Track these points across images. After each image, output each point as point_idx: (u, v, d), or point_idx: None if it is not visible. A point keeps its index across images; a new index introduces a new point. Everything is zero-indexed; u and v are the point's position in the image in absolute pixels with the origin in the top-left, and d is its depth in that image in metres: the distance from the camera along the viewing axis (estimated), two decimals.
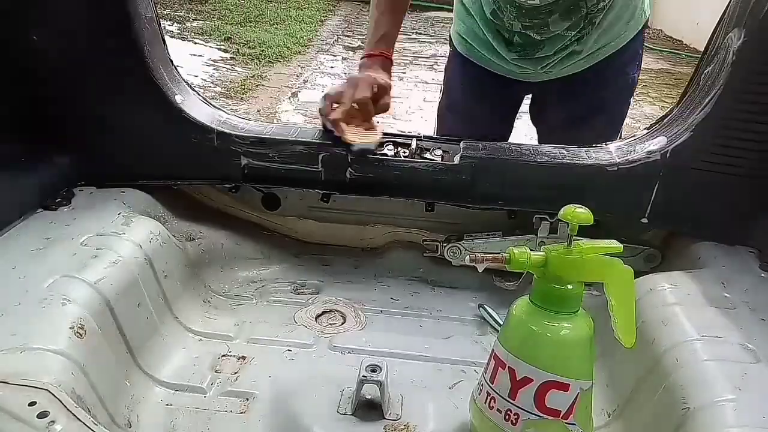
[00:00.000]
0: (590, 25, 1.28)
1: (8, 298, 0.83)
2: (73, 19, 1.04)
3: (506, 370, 0.78)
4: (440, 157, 1.14)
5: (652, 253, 1.16)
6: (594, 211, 0.76)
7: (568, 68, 1.36)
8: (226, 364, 0.98)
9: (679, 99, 1.11)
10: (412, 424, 0.87)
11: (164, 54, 1.13)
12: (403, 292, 1.21)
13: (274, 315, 1.11)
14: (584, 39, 1.30)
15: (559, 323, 0.77)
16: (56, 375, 0.73)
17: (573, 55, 1.33)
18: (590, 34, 1.30)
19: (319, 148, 1.14)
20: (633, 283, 0.78)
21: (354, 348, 1.03)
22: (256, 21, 6.77)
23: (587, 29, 1.28)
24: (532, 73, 1.39)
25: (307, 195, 1.25)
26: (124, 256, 0.96)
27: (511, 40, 1.34)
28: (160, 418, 0.88)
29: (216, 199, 1.29)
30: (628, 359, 0.91)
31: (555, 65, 1.35)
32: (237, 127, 1.15)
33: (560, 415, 0.76)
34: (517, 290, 1.20)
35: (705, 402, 0.75)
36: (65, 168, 1.13)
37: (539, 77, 1.40)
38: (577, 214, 0.76)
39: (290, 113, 4.45)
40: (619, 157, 1.09)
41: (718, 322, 0.88)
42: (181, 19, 6.61)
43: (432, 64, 5.74)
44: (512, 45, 1.35)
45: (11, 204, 1.03)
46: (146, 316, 0.97)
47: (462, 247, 1.19)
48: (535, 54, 1.33)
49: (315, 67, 5.55)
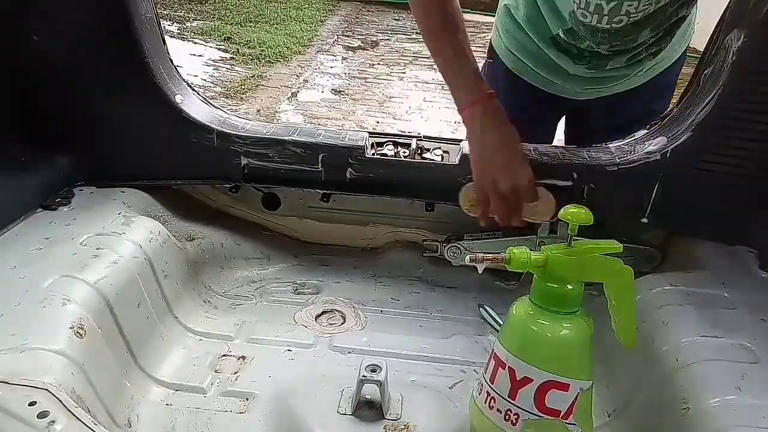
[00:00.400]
0: (669, 35, 1.20)
1: (8, 298, 0.83)
2: (73, 19, 1.04)
3: (506, 370, 0.78)
4: (440, 157, 1.14)
5: (652, 253, 1.16)
6: (594, 211, 0.76)
7: (627, 83, 1.30)
8: (226, 364, 0.98)
9: (679, 99, 1.11)
10: (412, 424, 0.87)
11: (164, 54, 1.13)
12: (403, 292, 1.21)
13: (274, 315, 1.11)
14: (659, 51, 1.22)
15: (559, 323, 0.77)
16: (56, 375, 0.73)
17: (637, 65, 1.25)
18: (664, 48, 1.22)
19: (319, 148, 1.14)
20: (633, 283, 0.78)
21: (354, 348, 1.03)
22: (256, 21, 6.76)
23: (666, 40, 1.20)
24: (589, 89, 1.33)
25: (307, 195, 1.25)
26: (124, 255, 0.96)
27: (581, 55, 1.23)
28: (160, 417, 0.88)
29: (216, 199, 1.29)
30: (628, 359, 0.91)
31: (621, 79, 1.28)
32: (237, 127, 1.15)
33: (560, 415, 0.76)
34: (517, 290, 1.20)
35: (705, 402, 0.75)
36: (65, 168, 1.13)
37: (591, 95, 1.35)
38: (577, 214, 0.76)
39: (290, 113, 4.45)
40: (619, 157, 1.09)
41: (718, 322, 0.88)
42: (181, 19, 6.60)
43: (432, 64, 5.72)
44: (581, 59, 1.24)
45: (11, 204, 1.03)
46: (146, 315, 0.97)
47: (462, 247, 1.19)
48: (606, 66, 1.24)
49: (315, 67, 5.55)
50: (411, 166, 1.13)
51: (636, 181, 1.09)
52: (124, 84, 1.10)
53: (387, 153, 1.15)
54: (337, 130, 1.20)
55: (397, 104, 4.71)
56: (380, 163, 1.13)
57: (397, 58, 5.88)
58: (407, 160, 1.14)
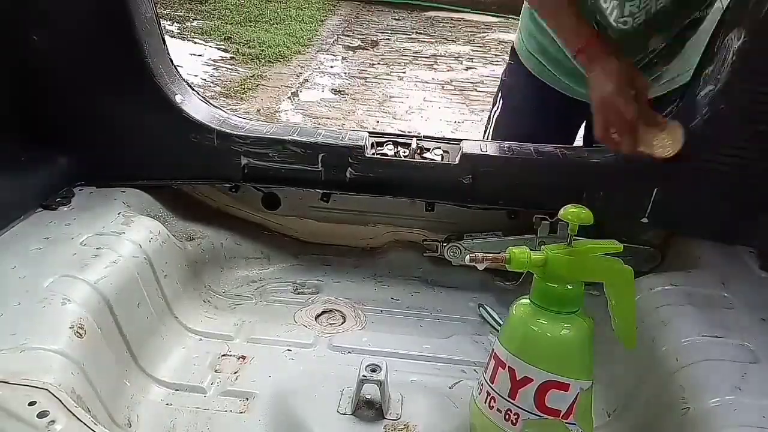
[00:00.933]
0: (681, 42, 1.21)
1: (8, 298, 0.83)
2: (73, 19, 1.04)
3: (506, 370, 0.78)
4: (440, 157, 1.14)
5: (652, 253, 1.16)
6: (594, 211, 0.76)
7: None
8: (226, 363, 0.98)
9: (679, 99, 1.11)
10: (412, 424, 0.87)
11: (164, 54, 1.13)
12: (403, 292, 1.21)
13: (274, 315, 1.11)
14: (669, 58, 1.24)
15: (559, 323, 0.77)
16: (56, 375, 0.73)
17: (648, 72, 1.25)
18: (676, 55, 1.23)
19: (319, 147, 1.14)
20: (633, 283, 0.78)
21: (354, 348, 1.03)
22: (256, 21, 6.76)
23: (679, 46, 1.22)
24: None
25: (307, 195, 1.24)
26: (124, 255, 0.96)
27: None
28: (160, 417, 0.88)
29: (216, 199, 1.29)
30: (628, 359, 0.91)
31: None
32: (237, 127, 1.15)
33: (560, 415, 0.76)
34: (517, 290, 1.20)
35: (705, 402, 0.75)
36: (65, 168, 1.13)
37: None
38: (577, 214, 0.76)
39: (290, 113, 4.45)
40: (619, 157, 1.09)
41: (718, 322, 0.88)
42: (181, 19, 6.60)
43: (432, 64, 5.74)
44: None
45: (11, 203, 1.03)
46: (146, 315, 0.97)
47: (462, 247, 1.19)
48: None
49: (315, 66, 5.55)
50: (411, 165, 1.13)
51: (636, 181, 1.09)
52: (124, 84, 1.10)
53: (387, 153, 1.15)
54: (337, 129, 1.19)
55: (397, 104, 4.71)
56: (380, 162, 1.13)
57: (397, 58, 5.88)
58: (407, 159, 1.14)
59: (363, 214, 1.28)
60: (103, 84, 1.09)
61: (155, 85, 1.09)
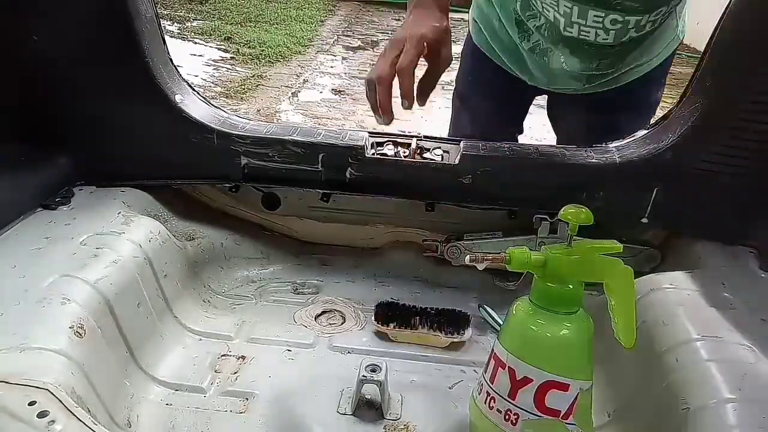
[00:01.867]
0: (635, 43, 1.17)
1: (8, 298, 0.83)
2: (73, 19, 1.04)
3: (506, 370, 0.78)
4: (440, 157, 1.14)
5: (652, 253, 1.16)
6: (594, 211, 0.76)
7: (594, 87, 1.28)
8: (225, 363, 0.98)
9: (679, 99, 1.11)
10: (412, 424, 0.87)
11: (164, 54, 1.13)
12: (403, 292, 1.21)
13: (274, 315, 1.11)
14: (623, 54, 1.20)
15: (559, 323, 0.77)
16: (56, 375, 0.73)
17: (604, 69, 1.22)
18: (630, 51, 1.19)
19: (319, 147, 1.14)
20: (633, 283, 0.78)
21: (354, 348, 1.03)
22: (256, 21, 6.76)
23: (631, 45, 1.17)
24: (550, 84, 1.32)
25: (307, 195, 1.25)
26: (123, 255, 0.96)
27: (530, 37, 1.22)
28: (160, 417, 0.88)
29: (216, 199, 1.29)
30: (628, 359, 0.91)
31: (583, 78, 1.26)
32: (237, 127, 1.15)
33: (560, 415, 0.76)
34: (517, 290, 1.20)
35: (705, 402, 0.75)
36: (65, 167, 1.13)
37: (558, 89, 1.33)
38: (577, 214, 0.76)
39: (290, 113, 4.45)
40: (619, 157, 1.09)
41: (718, 322, 0.88)
42: (181, 19, 6.60)
43: None
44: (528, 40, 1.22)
45: (11, 203, 1.03)
46: (146, 315, 0.97)
47: (462, 247, 1.19)
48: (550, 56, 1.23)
49: (315, 67, 5.55)
50: (411, 166, 1.13)
51: (636, 181, 1.09)
52: (124, 84, 1.10)
53: (387, 153, 1.15)
54: (337, 129, 1.20)
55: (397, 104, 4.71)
56: (380, 162, 1.13)
57: None
58: (407, 159, 1.14)
59: (363, 214, 1.28)
60: (103, 84, 1.09)
61: (155, 85, 1.09)
